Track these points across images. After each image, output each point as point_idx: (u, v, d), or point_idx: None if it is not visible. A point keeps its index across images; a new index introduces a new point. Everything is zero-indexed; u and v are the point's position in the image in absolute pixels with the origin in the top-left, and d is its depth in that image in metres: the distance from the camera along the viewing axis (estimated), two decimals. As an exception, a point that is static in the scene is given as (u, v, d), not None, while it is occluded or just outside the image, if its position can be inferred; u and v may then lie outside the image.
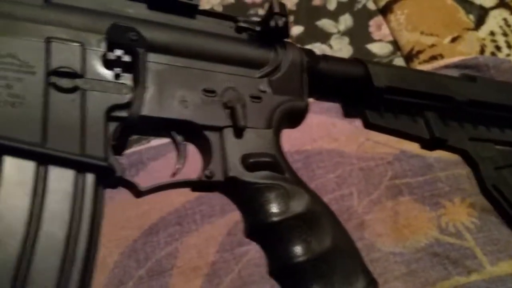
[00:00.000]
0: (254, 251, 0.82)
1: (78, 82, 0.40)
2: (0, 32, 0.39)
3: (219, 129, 0.47)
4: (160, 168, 0.90)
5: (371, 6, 1.22)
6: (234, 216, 0.84)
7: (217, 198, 0.88)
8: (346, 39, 1.17)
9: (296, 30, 1.20)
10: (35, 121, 0.37)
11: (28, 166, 0.35)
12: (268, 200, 0.46)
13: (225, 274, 0.80)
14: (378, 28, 1.18)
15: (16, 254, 0.33)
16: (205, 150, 0.47)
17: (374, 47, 1.14)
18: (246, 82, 0.50)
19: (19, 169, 0.35)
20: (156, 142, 0.94)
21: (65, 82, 0.39)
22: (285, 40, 0.54)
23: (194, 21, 0.50)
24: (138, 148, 0.94)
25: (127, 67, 0.43)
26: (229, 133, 0.47)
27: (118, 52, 0.43)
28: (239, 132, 0.47)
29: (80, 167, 0.37)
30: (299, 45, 0.58)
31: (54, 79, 0.39)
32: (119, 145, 0.43)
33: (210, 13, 0.52)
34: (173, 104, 0.45)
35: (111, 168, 0.39)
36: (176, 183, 0.45)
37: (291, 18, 1.23)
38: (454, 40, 1.10)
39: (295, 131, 0.96)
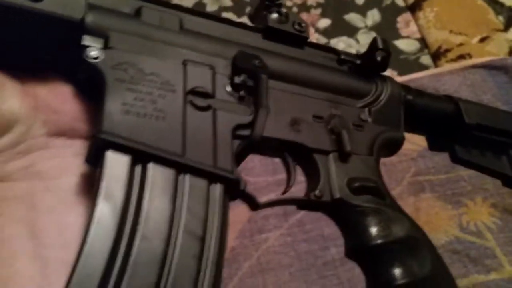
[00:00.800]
0: (273, 239, 0.83)
1: (210, 101, 0.44)
2: (145, 52, 0.43)
3: (326, 153, 0.49)
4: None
5: (400, 2, 1.22)
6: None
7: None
8: (373, 34, 1.17)
9: (324, 23, 1.20)
10: (176, 134, 0.40)
11: (169, 173, 0.39)
12: (371, 223, 0.47)
13: (244, 260, 0.81)
14: (406, 24, 1.17)
15: (161, 251, 0.36)
16: (312, 172, 0.49)
17: (401, 44, 1.14)
18: (349, 110, 0.53)
19: (162, 176, 0.38)
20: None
21: (200, 101, 0.43)
22: (385, 75, 0.57)
23: (303, 52, 0.53)
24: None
25: (249, 91, 0.46)
26: (335, 157, 0.49)
27: (243, 77, 0.46)
28: (344, 157, 0.50)
29: (212, 178, 0.41)
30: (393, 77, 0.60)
31: (191, 97, 0.43)
32: (238, 158, 0.45)
33: (315, 45, 0.55)
34: (288, 127, 0.48)
35: (238, 181, 0.42)
36: (288, 200, 0.48)
37: (319, 10, 1.23)
38: (482, 40, 1.09)
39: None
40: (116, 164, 0.37)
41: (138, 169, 0.38)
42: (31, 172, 0.38)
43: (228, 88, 0.45)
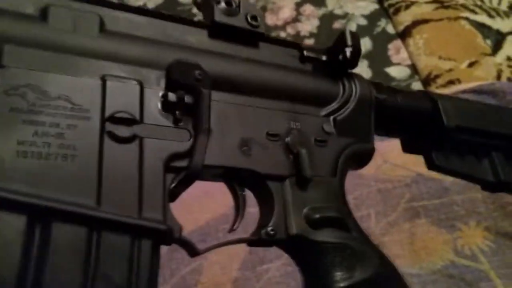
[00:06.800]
0: (274, 270, 0.85)
1: (136, 129, 0.35)
2: (51, 69, 0.33)
3: (282, 179, 0.42)
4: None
5: (390, 30, 1.25)
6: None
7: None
8: (365, 62, 1.20)
9: (317, 52, 1.24)
10: (89, 178, 0.32)
11: (79, 232, 0.31)
12: (333, 263, 0.41)
13: (246, 291, 0.83)
14: (397, 51, 1.21)
15: None
16: (266, 201, 0.42)
17: (392, 71, 1.18)
18: (311, 122, 0.44)
19: (69, 236, 0.31)
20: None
21: (122, 130, 0.34)
22: (352, 72, 0.50)
23: (257, 51, 0.45)
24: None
25: (187, 110, 0.38)
26: (293, 183, 0.42)
27: (179, 93, 0.37)
28: (303, 183, 0.42)
29: (137, 232, 0.33)
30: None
31: (110, 126, 0.34)
32: (173, 193, 0.38)
33: (273, 40, 0.47)
34: (235, 150, 0.40)
35: (170, 231, 0.35)
36: (234, 241, 0.42)
37: (312, 40, 1.27)
38: (471, 65, 1.12)
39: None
40: (7, 227, 0.29)
41: (37, 230, 0.30)
42: None
43: (160, 109, 0.37)
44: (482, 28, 1.20)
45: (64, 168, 0.31)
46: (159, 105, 0.37)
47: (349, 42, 0.46)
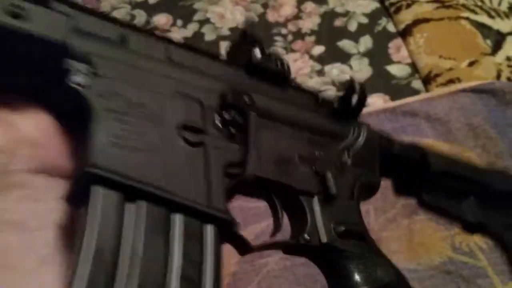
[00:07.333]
0: (273, 263, 0.85)
1: (202, 137, 0.42)
2: (132, 82, 0.40)
3: (312, 195, 0.49)
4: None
5: (391, 28, 1.26)
6: (255, 228, 0.88)
7: (238, 211, 0.92)
8: (366, 60, 1.20)
9: (318, 50, 1.24)
10: (169, 170, 0.38)
11: (161, 213, 0.36)
12: (358, 269, 0.47)
13: (245, 285, 0.84)
14: (397, 50, 1.21)
15: None
16: (298, 214, 0.48)
17: (392, 69, 1.18)
18: (331, 152, 0.52)
19: (154, 216, 0.36)
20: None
21: (192, 136, 0.41)
22: (361, 121, 0.58)
23: (284, 91, 0.53)
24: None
25: (239, 128, 0.45)
26: (320, 200, 0.49)
27: (232, 113, 0.45)
28: (329, 200, 0.49)
29: (205, 218, 0.38)
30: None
31: (182, 132, 0.41)
32: None
33: (296, 86, 0.55)
34: (275, 167, 0.47)
35: (232, 222, 0.40)
36: (277, 244, 0.47)
37: (313, 38, 1.27)
38: (471, 64, 1.13)
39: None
40: (105, 202, 0.34)
41: (129, 208, 0.35)
42: (5, 220, 0.33)
43: (218, 124, 0.44)
44: (482, 28, 1.21)
45: (148, 160, 0.37)
46: (217, 122, 0.44)
47: (356, 91, 0.55)
